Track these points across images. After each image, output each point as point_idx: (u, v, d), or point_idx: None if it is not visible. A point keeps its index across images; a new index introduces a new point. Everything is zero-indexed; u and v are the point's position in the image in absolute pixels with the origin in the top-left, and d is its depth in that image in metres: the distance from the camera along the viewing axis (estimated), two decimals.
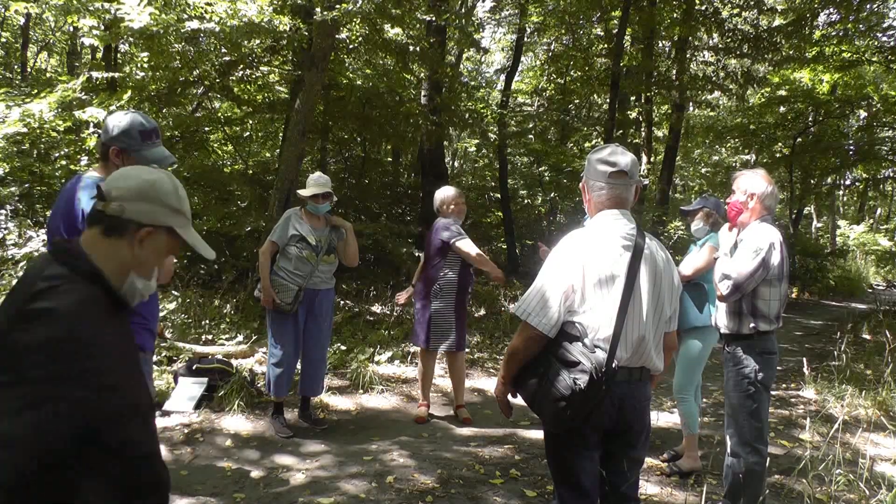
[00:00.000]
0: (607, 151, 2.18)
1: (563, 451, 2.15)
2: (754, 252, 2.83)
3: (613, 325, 2.01)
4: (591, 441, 2.11)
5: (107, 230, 1.34)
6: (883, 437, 4.54)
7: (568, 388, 1.94)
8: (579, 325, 2.00)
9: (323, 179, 4.28)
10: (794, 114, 14.53)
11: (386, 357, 6.16)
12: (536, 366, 2.06)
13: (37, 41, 16.28)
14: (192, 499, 3.20)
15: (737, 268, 2.86)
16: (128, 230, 1.34)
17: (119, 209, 1.33)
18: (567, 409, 1.96)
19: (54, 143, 6.74)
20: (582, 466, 2.12)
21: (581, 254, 2.05)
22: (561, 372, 1.97)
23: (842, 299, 14.33)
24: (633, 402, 2.11)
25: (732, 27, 12.28)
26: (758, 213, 2.98)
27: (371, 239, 8.83)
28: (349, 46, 9.58)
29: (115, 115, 2.39)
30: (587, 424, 2.05)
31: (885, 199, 26.19)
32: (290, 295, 4.09)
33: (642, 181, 10.94)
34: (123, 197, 1.34)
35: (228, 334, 6.17)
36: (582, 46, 13.83)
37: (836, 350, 6.49)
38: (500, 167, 13.07)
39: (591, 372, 1.93)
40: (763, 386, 2.90)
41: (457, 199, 4.60)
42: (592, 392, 1.94)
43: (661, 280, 2.14)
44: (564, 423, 2.04)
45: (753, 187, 2.98)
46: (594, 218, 2.19)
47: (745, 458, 2.90)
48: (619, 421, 2.10)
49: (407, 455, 3.94)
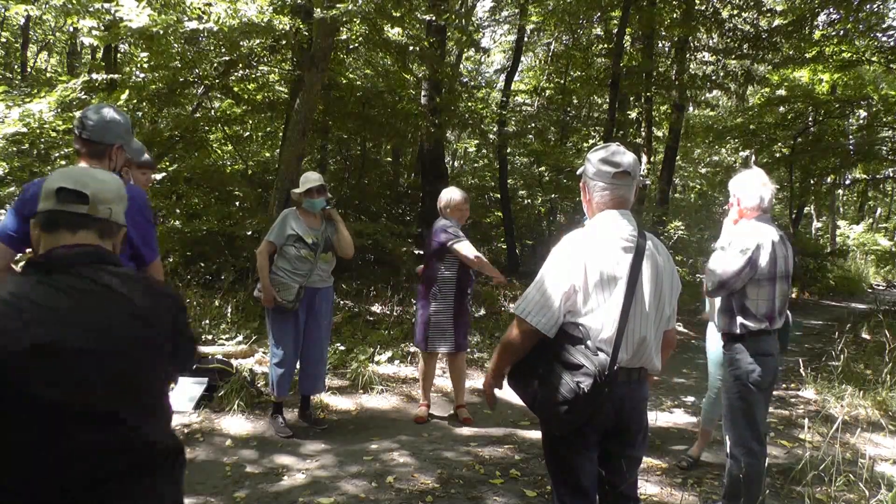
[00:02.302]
0: (609, 151, 2.16)
1: (562, 452, 2.15)
2: (741, 251, 2.84)
3: (616, 327, 2.01)
4: (590, 441, 2.11)
5: (102, 234, 1.39)
6: (883, 437, 4.54)
7: (571, 392, 1.93)
8: (582, 328, 2.00)
9: (315, 176, 4.27)
10: (794, 114, 14.52)
11: (386, 357, 6.16)
12: (536, 367, 2.05)
13: (37, 41, 16.28)
14: (193, 498, 3.20)
15: (723, 265, 2.88)
16: (114, 232, 1.43)
17: (107, 212, 1.39)
18: (569, 412, 1.96)
19: (54, 144, 6.73)
20: (581, 466, 2.12)
21: (583, 254, 2.04)
22: (563, 374, 1.96)
23: (842, 299, 14.32)
24: (631, 403, 2.12)
25: (732, 27, 12.28)
26: (747, 214, 2.99)
27: (371, 239, 8.83)
28: (349, 46, 9.58)
29: (107, 111, 2.36)
30: (588, 425, 2.05)
31: (885, 199, 26.18)
32: (291, 293, 4.09)
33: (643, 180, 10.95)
34: (110, 200, 1.40)
35: (228, 334, 6.17)
36: (582, 46, 13.83)
37: (835, 350, 6.49)
38: (499, 167, 13.07)
39: (594, 375, 1.92)
40: (756, 387, 2.88)
41: (461, 205, 4.57)
42: (595, 395, 1.93)
43: (661, 280, 2.14)
44: (566, 426, 2.03)
45: (737, 191, 3.03)
46: (595, 218, 2.18)
47: (742, 458, 2.90)
48: (618, 421, 2.10)
49: (407, 455, 3.94)
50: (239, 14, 6.53)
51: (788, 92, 14.47)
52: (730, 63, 13.70)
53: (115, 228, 1.42)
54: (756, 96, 16.73)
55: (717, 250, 3.01)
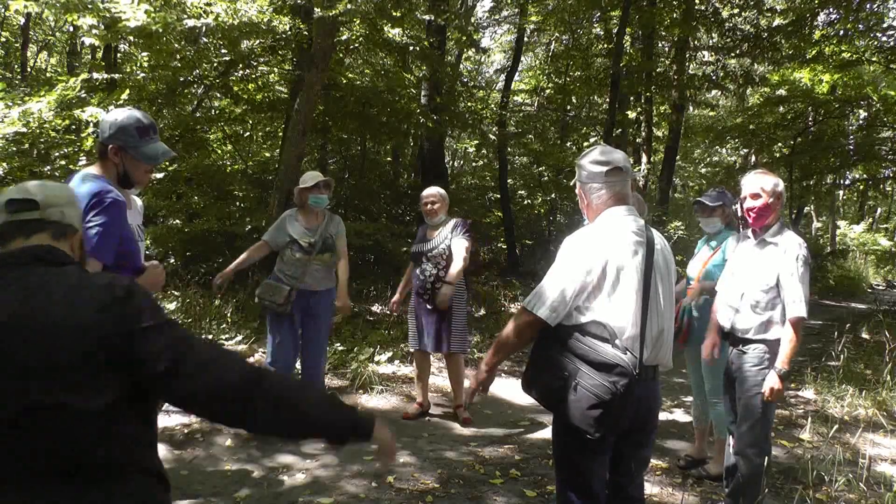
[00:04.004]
0: (597, 151, 2.19)
1: (576, 456, 2.10)
2: (805, 262, 2.84)
3: (639, 325, 2.01)
4: (607, 443, 2.06)
5: (55, 236, 1.42)
6: (883, 437, 4.54)
7: (608, 392, 1.91)
8: (608, 327, 1.98)
9: (315, 173, 4.30)
10: (794, 114, 14.53)
11: (386, 357, 6.16)
12: (556, 369, 2.01)
13: (37, 41, 16.26)
14: (193, 499, 3.20)
15: (805, 287, 2.80)
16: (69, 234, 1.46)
17: (59, 215, 1.43)
18: (606, 414, 1.93)
19: (54, 143, 6.73)
20: (594, 470, 2.09)
21: (599, 249, 2.03)
22: (595, 376, 1.94)
23: (842, 299, 14.31)
24: (648, 402, 2.11)
25: (732, 27, 12.29)
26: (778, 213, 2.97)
27: (371, 239, 8.82)
28: (349, 46, 9.58)
29: (113, 113, 2.38)
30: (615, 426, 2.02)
31: (885, 199, 26.17)
32: (281, 295, 4.08)
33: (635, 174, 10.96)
34: (61, 204, 1.44)
35: (228, 334, 6.17)
36: (581, 46, 13.84)
37: (835, 350, 6.49)
38: (499, 167, 13.07)
39: (630, 374, 1.91)
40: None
41: (423, 199, 4.60)
42: (628, 394, 1.93)
43: (671, 273, 2.17)
44: (601, 428, 1.97)
45: (778, 185, 2.93)
46: (601, 216, 2.15)
47: (752, 458, 2.88)
48: (635, 420, 2.07)
49: (407, 455, 3.94)
50: (239, 14, 6.53)
51: (788, 92, 14.46)
52: (730, 63, 13.71)
53: (68, 230, 1.44)
54: (755, 96, 16.72)
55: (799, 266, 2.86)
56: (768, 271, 2.90)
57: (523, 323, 2.05)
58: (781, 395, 2.82)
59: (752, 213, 2.95)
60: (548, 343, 2.07)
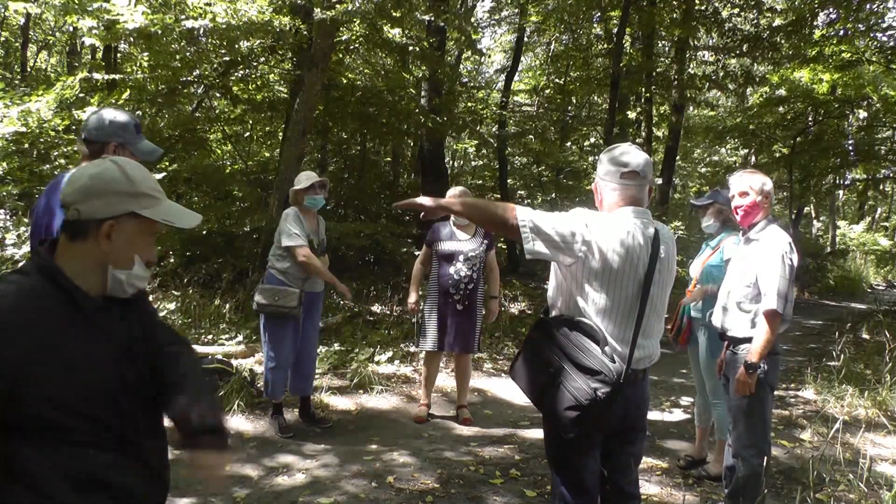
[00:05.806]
0: (619, 151, 2.15)
1: (567, 452, 2.13)
2: (782, 256, 2.81)
3: (633, 330, 2.00)
4: (595, 441, 2.10)
5: (71, 236, 1.37)
6: (883, 437, 4.54)
7: (587, 397, 1.91)
8: (599, 329, 1.98)
9: (311, 173, 4.21)
10: (794, 114, 14.52)
11: (386, 357, 6.15)
12: (545, 364, 2.02)
13: (37, 41, 16.26)
14: (193, 498, 3.20)
15: (780, 281, 2.77)
16: (90, 230, 1.35)
17: (75, 213, 1.36)
18: (582, 417, 1.94)
19: (53, 143, 6.73)
20: (585, 466, 2.11)
21: (598, 232, 2.00)
22: (578, 378, 1.93)
23: (842, 299, 14.32)
24: (636, 402, 2.12)
25: (732, 27, 12.28)
26: (767, 211, 2.96)
27: (371, 239, 8.82)
28: (349, 47, 9.57)
29: (104, 112, 2.42)
30: (594, 427, 2.04)
31: (885, 199, 26.17)
32: (293, 299, 4.00)
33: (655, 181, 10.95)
34: (75, 200, 1.36)
35: (228, 334, 6.16)
36: (581, 46, 13.83)
37: (835, 350, 6.49)
38: (499, 167, 13.07)
39: (612, 382, 1.91)
40: (769, 387, 2.89)
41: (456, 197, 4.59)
42: (610, 401, 1.93)
43: (670, 273, 2.16)
44: (575, 430, 1.99)
45: (766, 184, 2.93)
46: (612, 213, 2.13)
47: (750, 459, 2.88)
48: (624, 420, 2.10)
49: (407, 455, 3.94)
50: (239, 14, 6.52)
51: (788, 92, 14.45)
52: (730, 63, 13.71)
53: (88, 227, 1.35)
54: (755, 96, 16.71)
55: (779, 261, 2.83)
56: (750, 268, 2.91)
57: (510, 221, 1.99)
58: (747, 390, 2.78)
59: (741, 210, 2.98)
60: (541, 333, 2.09)
